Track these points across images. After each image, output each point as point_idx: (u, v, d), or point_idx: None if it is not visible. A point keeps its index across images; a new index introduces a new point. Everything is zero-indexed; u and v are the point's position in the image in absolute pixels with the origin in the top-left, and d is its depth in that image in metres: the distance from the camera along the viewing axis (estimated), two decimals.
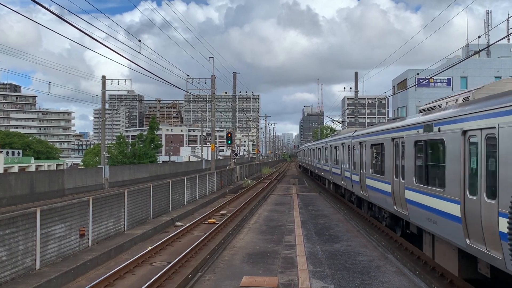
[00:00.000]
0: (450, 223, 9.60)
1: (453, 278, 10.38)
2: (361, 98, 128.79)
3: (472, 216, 8.63)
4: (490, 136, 8.10)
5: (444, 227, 10.01)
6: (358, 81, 41.85)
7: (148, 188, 19.07)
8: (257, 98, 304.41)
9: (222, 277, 10.85)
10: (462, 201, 9.03)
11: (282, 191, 35.50)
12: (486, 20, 61.32)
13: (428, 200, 11.00)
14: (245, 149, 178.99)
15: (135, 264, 12.32)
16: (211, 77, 42.20)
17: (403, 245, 14.47)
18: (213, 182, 32.23)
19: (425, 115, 12.06)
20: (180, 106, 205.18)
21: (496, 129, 7.83)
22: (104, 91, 41.74)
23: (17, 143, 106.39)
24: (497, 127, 7.81)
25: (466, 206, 8.89)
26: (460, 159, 9.25)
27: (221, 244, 14.93)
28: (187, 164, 69.10)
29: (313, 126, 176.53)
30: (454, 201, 9.40)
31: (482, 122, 8.41)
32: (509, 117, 7.53)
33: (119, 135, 66.39)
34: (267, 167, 74.86)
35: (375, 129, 17.76)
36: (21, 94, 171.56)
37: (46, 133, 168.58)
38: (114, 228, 15.39)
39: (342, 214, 21.77)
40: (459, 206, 9.13)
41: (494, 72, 53.60)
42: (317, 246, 14.31)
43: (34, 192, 28.66)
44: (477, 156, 8.67)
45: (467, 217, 8.84)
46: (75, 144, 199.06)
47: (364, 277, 10.70)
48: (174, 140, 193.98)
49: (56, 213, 11.91)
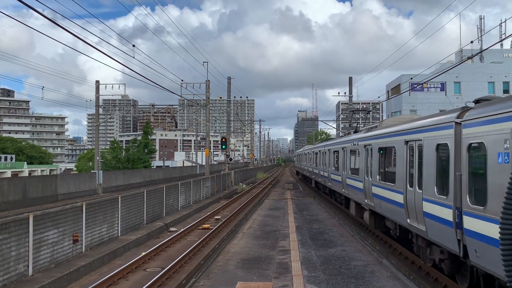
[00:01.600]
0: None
1: (448, 283, 10.39)
2: (355, 103, 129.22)
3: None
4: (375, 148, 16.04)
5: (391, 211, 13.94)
6: (352, 86, 42.05)
7: (142, 193, 18.99)
8: (252, 103, 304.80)
9: (216, 283, 10.80)
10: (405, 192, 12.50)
11: (276, 196, 35.47)
12: (479, 25, 61.82)
13: (354, 182, 18.00)
14: (240, 154, 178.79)
15: (129, 270, 12.24)
16: (206, 82, 42.20)
17: (397, 250, 14.49)
18: (207, 187, 32.16)
19: (365, 133, 18.93)
20: (174, 111, 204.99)
21: (371, 145, 16.54)
22: (98, 96, 41.61)
23: (10, 148, 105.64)
24: (372, 144, 16.50)
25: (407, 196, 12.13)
26: (365, 160, 17.48)
27: (215, 249, 14.88)
28: (181, 169, 68.94)
29: (308, 131, 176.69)
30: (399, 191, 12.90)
31: (368, 141, 17.24)
32: (375, 141, 16.14)
33: (113, 140, 66.19)
34: (262, 172, 74.85)
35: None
36: (14, 99, 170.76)
37: (40, 138, 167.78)
38: (107, 233, 15.30)
39: (337, 219, 21.77)
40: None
41: (487, 77, 54.01)
42: (311, 251, 14.29)
43: (27, 197, 28.46)
44: (366, 158, 17.30)
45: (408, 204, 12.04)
46: (69, 149, 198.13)
47: (359, 282, 10.68)
48: (168, 145, 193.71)
49: (49, 219, 11.82)
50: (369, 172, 16.46)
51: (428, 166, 10.64)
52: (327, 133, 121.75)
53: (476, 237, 8.25)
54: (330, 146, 28.39)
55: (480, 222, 8.07)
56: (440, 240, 10.03)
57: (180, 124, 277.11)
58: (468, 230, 8.52)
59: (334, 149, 26.29)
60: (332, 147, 27.45)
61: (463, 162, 8.85)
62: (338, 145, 25.02)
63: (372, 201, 16.14)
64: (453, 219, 9.11)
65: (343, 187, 22.27)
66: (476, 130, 8.49)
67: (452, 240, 9.18)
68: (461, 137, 9.02)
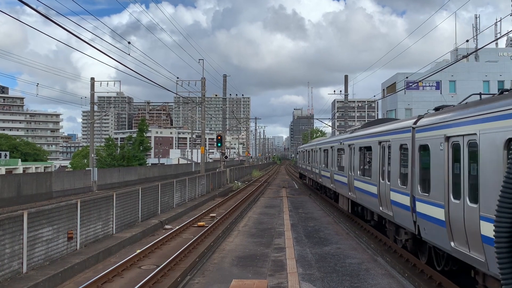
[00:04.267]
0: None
1: (442, 280, 10.44)
2: (351, 101, 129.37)
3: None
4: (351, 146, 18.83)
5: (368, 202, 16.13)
6: (348, 84, 42.09)
7: (137, 190, 18.94)
8: (247, 101, 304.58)
9: (211, 280, 10.80)
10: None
11: (272, 194, 35.49)
12: (474, 24, 62.01)
13: (341, 177, 20.39)
14: (235, 152, 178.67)
15: (124, 267, 12.22)
16: (201, 80, 42.12)
17: (392, 247, 14.53)
18: (202, 185, 32.13)
19: (350, 133, 21.23)
20: (169, 108, 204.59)
21: (354, 144, 18.87)
22: (93, 93, 41.43)
23: (4, 145, 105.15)
24: (355, 143, 18.75)
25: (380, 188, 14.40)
26: (349, 157, 19.65)
27: (210, 247, 14.87)
28: (177, 167, 68.84)
29: (303, 129, 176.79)
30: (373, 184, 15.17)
31: (351, 141, 19.40)
32: (357, 141, 18.26)
33: (108, 138, 66.00)
34: (257, 170, 74.87)
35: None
36: (9, 96, 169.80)
37: (34, 135, 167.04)
38: (102, 231, 15.26)
39: (332, 217, 21.81)
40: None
41: (482, 76, 54.18)
42: (306, 249, 14.31)
43: (21, 194, 28.34)
44: (350, 156, 19.41)
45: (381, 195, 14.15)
46: (63, 146, 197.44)
47: (354, 279, 10.71)
48: (163, 143, 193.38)
49: (44, 216, 11.77)
50: (353, 168, 19.03)
51: (394, 162, 13.00)
52: (322, 131, 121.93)
53: (424, 217, 10.51)
54: (321, 145, 29.96)
55: (426, 206, 10.35)
56: (403, 223, 12.22)
57: (175, 122, 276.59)
58: (419, 213, 10.83)
59: (324, 148, 28.13)
60: (322, 146, 29.30)
61: (416, 159, 11.20)
62: (327, 144, 27.29)
63: (354, 194, 18.68)
64: (410, 204, 11.45)
65: (331, 182, 24.86)
66: (423, 135, 10.72)
67: (410, 222, 11.46)
68: (415, 139, 11.26)
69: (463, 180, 8.58)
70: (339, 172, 22.12)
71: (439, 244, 9.78)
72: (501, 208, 2.73)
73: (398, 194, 12.45)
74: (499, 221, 2.76)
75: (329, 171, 25.52)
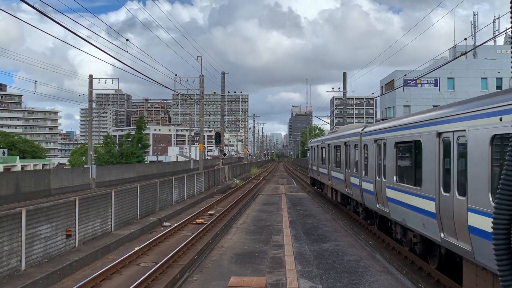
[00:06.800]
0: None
1: (440, 277, 10.46)
2: (349, 98, 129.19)
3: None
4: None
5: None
6: (346, 81, 42.06)
7: (135, 188, 18.93)
8: (246, 98, 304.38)
9: (210, 277, 10.81)
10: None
11: (270, 191, 35.51)
12: (472, 21, 61.92)
13: (337, 174, 22.57)
14: (234, 149, 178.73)
15: (122, 265, 12.22)
16: (200, 77, 42.05)
17: (390, 244, 14.56)
18: (201, 182, 32.13)
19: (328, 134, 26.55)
20: (168, 105, 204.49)
21: (330, 144, 25.04)
22: (91, 91, 41.37)
23: (2, 142, 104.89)
24: (330, 143, 24.83)
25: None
26: (327, 154, 25.31)
27: (209, 244, 14.88)
28: (175, 164, 68.80)
29: (302, 126, 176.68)
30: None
31: (329, 142, 25.65)
32: (332, 141, 24.51)
33: (106, 135, 65.93)
34: (256, 167, 74.88)
35: None
36: (6, 93, 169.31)
37: (32, 132, 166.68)
38: (101, 228, 15.26)
39: (330, 214, 21.84)
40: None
41: (480, 73, 54.19)
42: (305, 246, 14.33)
43: (19, 192, 28.30)
44: (328, 153, 25.06)
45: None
46: (62, 143, 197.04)
47: (352, 276, 10.73)
48: (162, 140, 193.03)
49: (42, 214, 11.76)
50: (343, 164, 22.13)
51: (352, 157, 18.96)
52: (321, 129, 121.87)
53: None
54: (318, 143, 30.70)
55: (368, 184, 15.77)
56: (367, 204, 16.34)
57: (174, 119, 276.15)
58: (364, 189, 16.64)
59: (322, 146, 28.91)
60: (319, 144, 30.35)
61: (363, 155, 16.83)
62: (321, 143, 28.57)
63: (331, 181, 24.15)
64: (359, 184, 17.25)
65: (329, 179, 25.76)
66: (365, 138, 16.68)
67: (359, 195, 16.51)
68: (362, 141, 17.02)
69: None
70: (336, 169, 23.62)
71: (400, 221, 12.24)
72: (499, 201, 2.73)
73: (354, 178, 18.36)
74: (497, 218, 2.77)
75: (326, 168, 26.45)
